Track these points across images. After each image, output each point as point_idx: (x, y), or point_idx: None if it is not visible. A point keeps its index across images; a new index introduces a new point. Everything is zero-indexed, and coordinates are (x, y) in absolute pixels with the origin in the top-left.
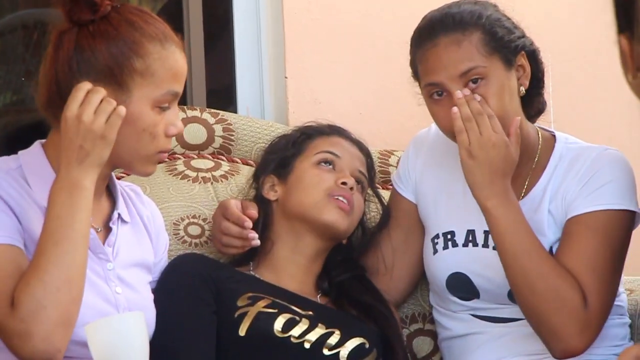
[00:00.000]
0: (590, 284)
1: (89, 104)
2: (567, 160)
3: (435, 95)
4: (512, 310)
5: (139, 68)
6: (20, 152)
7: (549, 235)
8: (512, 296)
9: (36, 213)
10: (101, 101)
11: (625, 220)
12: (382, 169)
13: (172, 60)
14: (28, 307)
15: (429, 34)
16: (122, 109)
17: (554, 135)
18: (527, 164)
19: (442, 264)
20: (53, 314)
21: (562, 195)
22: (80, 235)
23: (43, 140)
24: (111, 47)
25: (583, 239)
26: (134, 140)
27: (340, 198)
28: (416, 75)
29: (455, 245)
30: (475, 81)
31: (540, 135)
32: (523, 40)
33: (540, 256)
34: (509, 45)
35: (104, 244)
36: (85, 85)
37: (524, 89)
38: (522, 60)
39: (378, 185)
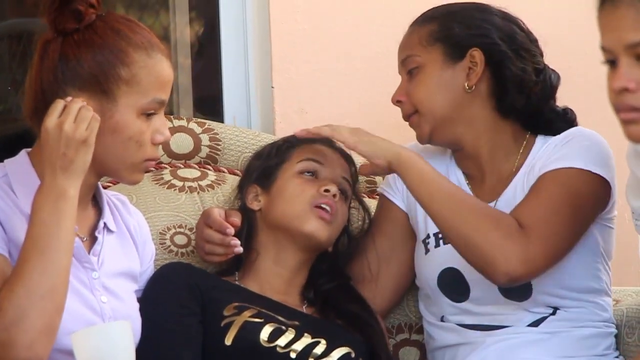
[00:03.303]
0: (529, 217)
1: (69, 114)
2: (544, 149)
3: None
4: (502, 317)
5: (124, 76)
6: (6, 161)
7: None
8: (502, 288)
9: (21, 221)
10: (79, 110)
11: (591, 182)
12: (369, 178)
13: (158, 69)
14: (11, 316)
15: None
16: (97, 115)
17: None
18: (506, 165)
19: (434, 261)
20: (36, 323)
21: (538, 168)
22: (64, 244)
23: (29, 149)
24: (96, 56)
25: (535, 191)
26: (121, 149)
27: (324, 206)
28: None
29: (446, 242)
30: (411, 71)
31: (525, 139)
32: (483, 38)
33: (469, 197)
34: (457, 39)
35: (89, 253)
36: (64, 100)
37: (467, 85)
38: (477, 56)
39: (364, 195)
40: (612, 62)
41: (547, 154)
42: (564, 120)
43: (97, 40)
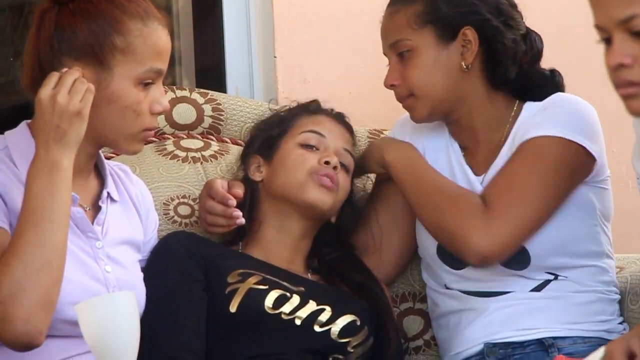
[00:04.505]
0: (494, 194)
1: (63, 85)
2: (529, 115)
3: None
4: (503, 283)
5: (119, 45)
6: (6, 133)
7: None
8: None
9: (21, 193)
10: (74, 82)
11: (567, 150)
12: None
13: (154, 38)
14: (8, 290)
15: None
16: (92, 86)
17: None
18: (497, 135)
19: None
20: (33, 296)
21: (520, 135)
22: (59, 216)
23: (29, 121)
24: (91, 25)
25: (507, 164)
26: (118, 118)
27: (324, 177)
28: None
29: None
30: (402, 54)
31: (514, 107)
32: (473, 16)
33: (441, 180)
34: (447, 19)
35: (92, 223)
36: (60, 72)
37: (464, 64)
38: (469, 34)
39: None
40: (607, 41)
41: (528, 121)
42: (551, 84)
43: (91, 9)
